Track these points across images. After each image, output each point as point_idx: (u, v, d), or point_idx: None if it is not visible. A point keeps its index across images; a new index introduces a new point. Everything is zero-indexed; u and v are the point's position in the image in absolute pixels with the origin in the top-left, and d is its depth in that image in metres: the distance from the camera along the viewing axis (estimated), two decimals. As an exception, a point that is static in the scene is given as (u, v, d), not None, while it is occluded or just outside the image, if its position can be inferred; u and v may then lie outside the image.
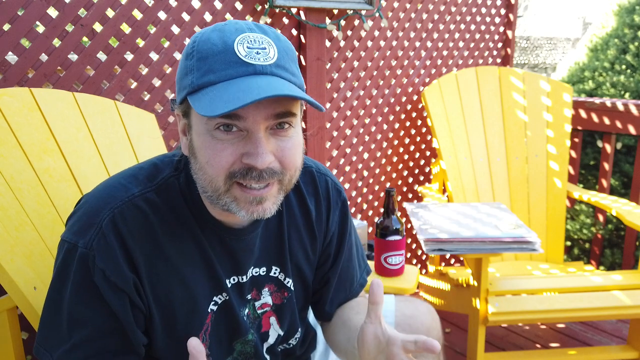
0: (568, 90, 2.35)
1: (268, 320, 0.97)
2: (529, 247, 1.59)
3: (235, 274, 0.90)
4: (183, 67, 0.77)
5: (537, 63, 12.85)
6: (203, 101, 0.71)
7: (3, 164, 1.11)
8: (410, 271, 1.44)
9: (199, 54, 0.74)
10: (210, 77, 0.73)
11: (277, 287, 0.96)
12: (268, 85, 0.71)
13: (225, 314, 0.90)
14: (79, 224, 0.82)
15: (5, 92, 1.18)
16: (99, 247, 0.78)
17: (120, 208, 0.81)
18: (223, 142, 0.74)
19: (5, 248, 1.02)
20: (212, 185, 0.77)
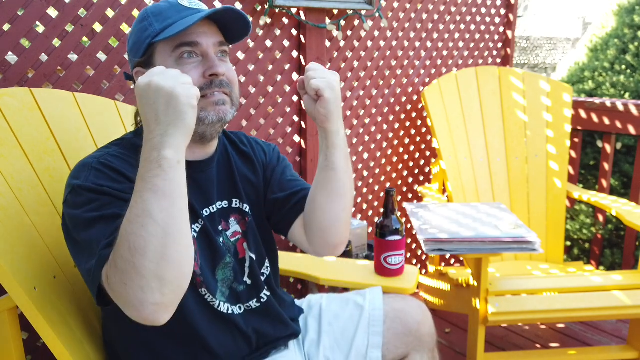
0: (568, 90, 2.35)
1: (242, 246, 1.11)
2: (529, 247, 1.59)
3: (206, 205, 1.07)
4: (140, 28, 0.99)
5: (537, 63, 12.85)
6: (168, 32, 0.94)
7: (3, 164, 1.11)
8: (410, 271, 1.44)
9: (152, 14, 0.99)
10: (168, 21, 0.97)
11: (240, 215, 1.13)
12: (210, 12, 0.96)
13: (204, 240, 1.04)
14: (73, 175, 0.95)
15: (6, 92, 1.18)
16: (94, 176, 0.92)
17: (103, 157, 0.96)
18: (188, 66, 0.96)
19: (6, 248, 1.02)
20: None
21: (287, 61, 1.97)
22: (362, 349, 1.18)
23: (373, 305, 1.23)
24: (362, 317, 1.21)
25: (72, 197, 0.93)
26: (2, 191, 1.08)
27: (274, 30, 1.91)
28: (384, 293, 1.27)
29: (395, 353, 1.20)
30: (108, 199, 0.89)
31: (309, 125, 2.04)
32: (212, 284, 1.04)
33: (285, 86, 1.99)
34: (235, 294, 1.08)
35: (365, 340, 1.19)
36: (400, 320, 1.21)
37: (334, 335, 1.21)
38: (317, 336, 1.22)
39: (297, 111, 2.05)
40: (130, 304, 0.79)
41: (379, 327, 1.19)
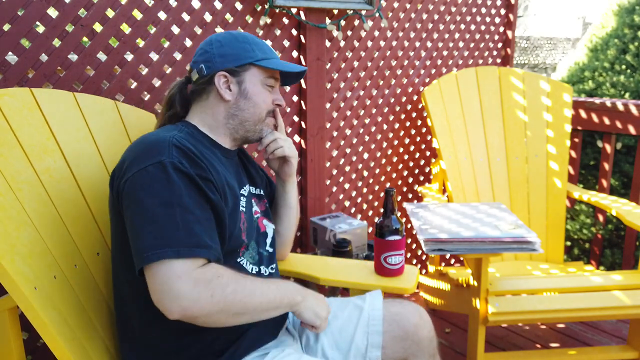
0: (568, 90, 2.35)
1: (262, 223, 1.29)
2: (529, 247, 1.59)
3: (241, 186, 1.24)
4: (240, 47, 1.20)
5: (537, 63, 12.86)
6: (274, 64, 1.21)
7: (3, 164, 1.11)
8: (410, 271, 1.44)
9: (253, 42, 1.22)
10: (266, 54, 1.22)
11: (258, 199, 1.32)
12: (293, 64, 1.27)
13: (246, 215, 1.21)
14: (151, 153, 1.03)
15: (6, 92, 1.18)
16: (179, 155, 1.03)
17: (174, 138, 1.06)
18: (269, 92, 1.24)
19: (6, 248, 1.02)
20: (258, 116, 1.22)
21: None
22: (362, 348, 1.18)
23: (372, 305, 1.24)
24: (362, 317, 1.22)
25: (159, 170, 1.00)
26: (2, 191, 1.08)
27: (274, 30, 1.91)
28: (383, 294, 1.28)
29: (393, 357, 1.20)
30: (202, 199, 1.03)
31: (309, 125, 2.04)
32: (246, 248, 1.20)
33: (285, 86, 1.99)
34: (262, 258, 1.25)
35: (364, 339, 1.19)
36: (397, 324, 1.21)
37: (333, 334, 1.22)
38: (315, 335, 1.22)
39: (297, 111, 2.05)
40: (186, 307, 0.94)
41: (379, 327, 1.20)
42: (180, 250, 0.94)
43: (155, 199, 0.98)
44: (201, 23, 1.74)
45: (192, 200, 1.00)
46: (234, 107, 1.20)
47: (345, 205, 2.31)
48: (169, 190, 0.98)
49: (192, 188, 1.01)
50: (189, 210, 0.98)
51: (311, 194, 2.12)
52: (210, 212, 1.04)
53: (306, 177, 2.09)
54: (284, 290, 1.09)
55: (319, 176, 2.12)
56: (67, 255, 1.19)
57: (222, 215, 1.06)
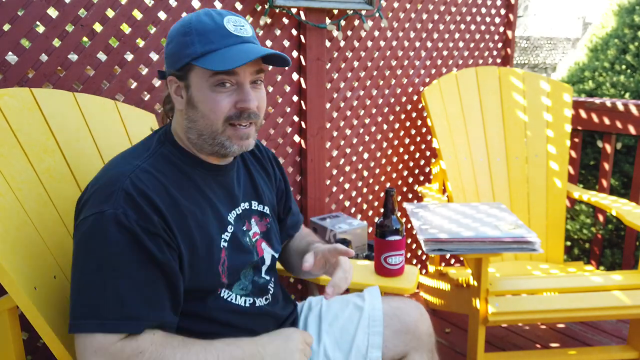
0: (568, 90, 2.35)
1: (260, 246, 1.17)
2: (529, 247, 1.59)
3: (233, 207, 1.11)
4: (182, 42, 0.99)
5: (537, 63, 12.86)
6: (212, 61, 0.96)
7: (3, 164, 1.11)
8: (410, 271, 1.44)
9: (197, 31, 0.98)
10: (211, 46, 0.98)
11: (259, 217, 1.19)
12: (256, 49, 0.99)
13: (234, 245, 1.08)
14: (99, 197, 0.94)
15: (6, 92, 1.18)
16: (126, 204, 0.91)
17: (133, 174, 0.96)
18: (221, 94, 0.99)
19: (6, 248, 1.02)
20: (211, 128, 1.01)
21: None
22: (362, 348, 1.18)
23: (372, 305, 1.24)
24: (362, 317, 1.22)
25: (98, 223, 0.90)
26: (2, 191, 1.08)
27: (274, 30, 1.91)
28: (383, 293, 1.28)
29: (394, 351, 1.21)
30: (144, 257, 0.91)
31: (309, 125, 2.04)
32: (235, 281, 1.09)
33: (285, 86, 1.99)
34: (256, 287, 1.13)
35: (365, 340, 1.19)
36: (398, 318, 1.22)
37: (334, 335, 1.22)
38: (317, 336, 1.22)
39: (297, 111, 2.05)
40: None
41: (379, 327, 1.20)
42: (106, 324, 0.88)
43: (90, 260, 0.91)
44: (201, 23, 1.74)
45: (131, 261, 0.90)
46: (187, 119, 1.03)
47: (345, 205, 2.31)
48: (105, 251, 0.90)
49: (134, 247, 0.90)
50: (125, 274, 0.89)
51: (311, 194, 2.12)
52: (158, 271, 0.93)
53: (306, 177, 2.09)
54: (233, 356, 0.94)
55: (319, 176, 2.12)
56: (67, 255, 1.19)
57: (172, 276, 0.94)
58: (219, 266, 1.04)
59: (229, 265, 1.06)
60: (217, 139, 1.01)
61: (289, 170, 2.10)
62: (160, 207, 0.95)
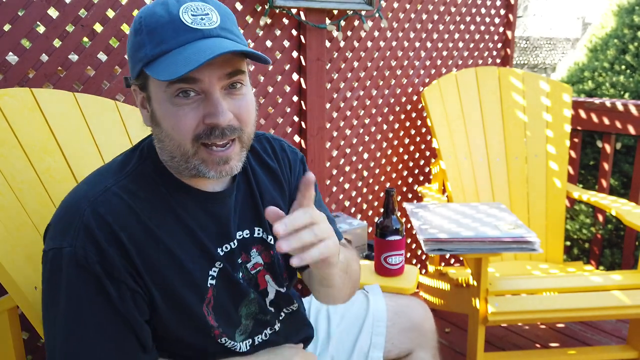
0: (567, 90, 2.35)
1: (263, 278, 1.00)
2: (529, 247, 1.59)
3: (225, 241, 0.93)
4: (134, 43, 0.81)
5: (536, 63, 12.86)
6: (160, 68, 0.77)
7: (4, 164, 1.11)
8: (410, 271, 1.44)
9: (147, 28, 0.79)
10: (162, 47, 0.78)
11: (263, 246, 0.99)
12: (217, 44, 0.77)
13: (224, 283, 0.92)
14: (59, 227, 0.82)
15: (6, 92, 1.18)
16: (86, 241, 0.78)
17: (99, 199, 0.82)
18: (184, 107, 0.79)
19: (6, 248, 1.02)
20: (180, 150, 0.82)
21: (287, 61, 1.98)
22: (365, 348, 1.18)
23: (376, 306, 1.24)
24: (367, 318, 1.22)
25: (57, 262, 0.79)
26: (3, 191, 1.08)
27: (274, 30, 1.91)
28: (387, 292, 1.28)
29: (400, 348, 1.21)
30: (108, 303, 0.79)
31: (309, 125, 2.04)
32: (232, 327, 0.95)
33: (285, 86, 1.99)
34: (261, 322, 1.00)
35: (367, 340, 1.19)
36: (406, 315, 1.22)
37: (340, 335, 1.22)
38: (326, 336, 1.22)
39: (297, 111, 2.06)
40: None
41: (382, 328, 1.20)
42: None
43: (49, 302, 0.81)
44: (201, 23, 1.74)
45: (93, 307, 0.79)
46: (155, 138, 0.86)
47: (345, 205, 2.31)
48: (63, 299, 0.78)
49: (97, 291, 0.79)
50: (89, 323, 0.79)
51: (311, 194, 2.11)
52: (121, 319, 0.81)
53: (306, 177, 2.09)
54: None
55: (319, 176, 2.12)
56: (68, 255, 1.19)
57: (134, 326, 0.82)
58: (204, 307, 0.90)
59: (215, 305, 0.91)
60: (190, 162, 0.82)
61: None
62: (125, 243, 0.80)
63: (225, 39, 0.80)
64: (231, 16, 0.84)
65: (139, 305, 0.83)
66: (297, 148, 1.07)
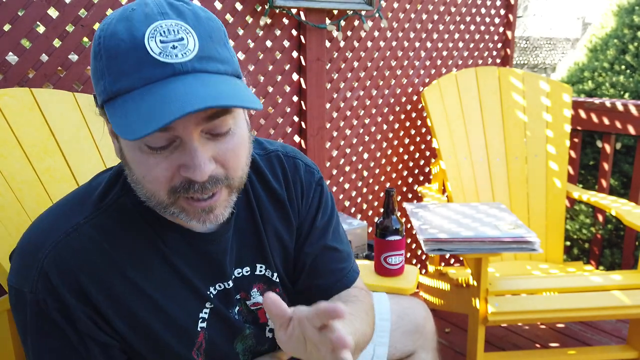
0: (567, 90, 2.35)
1: (264, 314, 0.90)
2: (529, 247, 1.59)
3: (219, 280, 0.84)
4: (94, 68, 0.67)
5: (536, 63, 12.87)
6: (118, 116, 0.63)
7: (3, 164, 1.11)
8: (410, 271, 1.44)
9: (107, 52, 0.64)
10: (123, 82, 0.63)
11: (266, 285, 0.89)
12: (190, 91, 0.61)
13: (216, 323, 0.84)
14: (20, 263, 0.74)
15: (6, 92, 1.19)
16: (45, 291, 0.71)
17: (65, 240, 0.72)
18: (155, 156, 0.66)
19: (6, 248, 1.03)
20: (156, 199, 0.70)
21: (287, 61, 1.98)
22: (367, 358, 1.18)
23: (380, 315, 1.21)
24: None
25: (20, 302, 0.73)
26: (2, 191, 1.08)
27: (274, 30, 1.91)
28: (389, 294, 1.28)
29: (402, 350, 1.20)
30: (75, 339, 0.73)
31: (309, 125, 2.04)
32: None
33: (285, 86, 1.99)
34: (259, 353, 0.93)
35: (371, 349, 1.18)
36: (408, 318, 1.21)
37: None
38: None
39: (297, 111, 2.06)
40: None
41: (385, 339, 1.19)
42: None
43: (20, 334, 0.75)
44: (201, 23, 1.74)
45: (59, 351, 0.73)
46: (126, 175, 0.74)
47: (345, 205, 2.31)
48: (29, 345, 0.74)
49: (61, 333, 0.72)
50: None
51: (311, 194, 2.11)
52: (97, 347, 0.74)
53: (306, 177, 2.09)
54: None
55: (318, 176, 2.12)
56: (68, 255, 1.19)
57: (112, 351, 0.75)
58: (193, 351, 0.82)
59: (207, 347, 0.83)
60: (169, 210, 0.71)
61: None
62: (91, 294, 0.72)
63: (205, 72, 0.64)
64: (216, 32, 0.68)
65: (114, 358, 0.76)
66: (316, 165, 0.95)
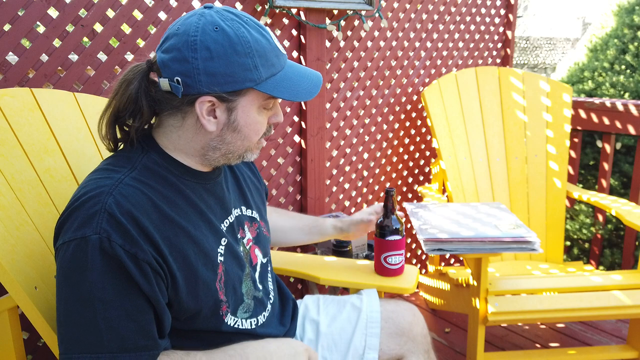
0: (567, 90, 2.35)
1: (254, 252, 1.11)
2: (529, 246, 1.59)
3: (226, 216, 1.04)
4: (238, 63, 0.89)
5: (536, 63, 12.87)
6: (286, 88, 0.93)
7: (4, 164, 1.11)
8: (410, 271, 1.44)
9: (258, 53, 0.90)
10: (272, 70, 0.92)
11: (250, 222, 1.13)
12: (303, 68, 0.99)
13: (230, 257, 1.01)
14: (80, 220, 0.83)
15: (6, 92, 1.18)
16: (111, 227, 0.82)
17: (116, 190, 0.86)
18: (264, 115, 0.97)
19: (6, 248, 1.03)
20: (246, 146, 0.97)
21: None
22: (360, 349, 1.18)
23: (370, 307, 1.24)
24: (360, 319, 1.22)
25: (81, 250, 0.81)
26: (3, 191, 1.08)
27: (274, 30, 1.92)
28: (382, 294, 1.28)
29: (389, 354, 1.21)
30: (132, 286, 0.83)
31: (309, 125, 2.04)
32: (236, 304, 1.03)
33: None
34: (258, 300, 1.08)
35: (362, 341, 1.19)
36: (392, 321, 1.23)
37: (332, 336, 1.22)
38: (315, 337, 1.22)
39: (297, 111, 2.06)
40: None
41: (376, 329, 1.20)
42: (101, 357, 0.81)
43: (73, 291, 0.82)
44: (201, 23, 1.74)
45: (118, 290, 0.82)
46: (216, 139, 0.95)
47: (345, 205, 2.31)
48: (91, 282, 0.81)
49: (119, 275, 0.82)
50: (114, 305, 0.82)
51: (311, 194, 2.12)
52: (144, 300, 0.85)
53: (306, 177, 2.09)
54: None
55: (319, 176, 2.12)
56: (68, 255, 1.19)
57: (158, 308, 0.87)
58: (216, 283, 0.97)
59: (226, 280, 0.99)
60: (243, 155, 0.99)
61: (289, 170, 2.10)
62: (148, 228, 0.85)
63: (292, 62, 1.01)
64: None
65: (162, 289, 0.87)
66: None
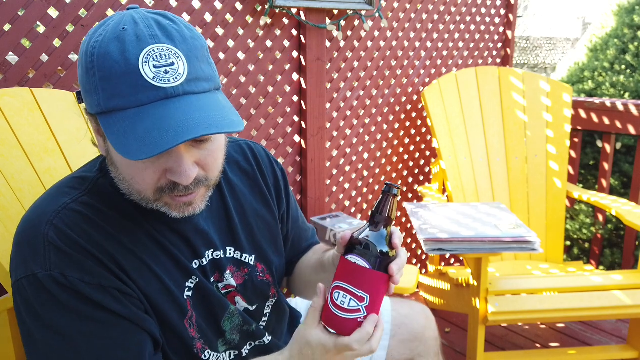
0: (568, 90, 2.35)
1: (233, 299, 0.96)
2: (529, 246, 1.59)
3: (196, 257, 0.90)
4: (86, 82, 0.71)
5: (536, 63, 12.87)
6: (115, 133, 0.68)
7: (4, 164, 1.11)
8: (410, 271, 1.44)
9: (100, 73, 0.69)
10: (118, 102, 0.69)
11: (235, 267, 0.96)
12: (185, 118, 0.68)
13: (201, 296, 0.89)
14: (24, 254, 0.75)
15: (6, 92, 1.19)
16: (61, 262, 0.73)
17: (57, 218, 0.76)
18: (144, 162, 0.72)
19: (6, 248, 1.03)
20: (141, 195, 0.78)
21: (287, 61, 1.98)
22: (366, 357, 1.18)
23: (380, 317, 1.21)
24: None
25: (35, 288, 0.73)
26: (3, 191, 1.08)
27: (274, 30, 1.91)
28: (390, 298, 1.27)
29: (399, 359, 1.20)
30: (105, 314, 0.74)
31: (309, 125, 2.04)
32: (215, 340, 0.93)
33: (285, 86, 1.99)
34: (247, 334, 0.98)
35: None
36: (406, 327, 1.20)
37: None
38: None
39: (297, 111, 2.06)
40: None
41: (385, 342, 1.18)
42: None
43: (35, 329, 0.74)
44: (201, 23, 1.74)
45: (91, 322, 0.74)
46: (110, 171, 0.80)
47: (345, 205, 2.31)
48: (52, 316, 0.73)
49: (88, 307, 0.73)
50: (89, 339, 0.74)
51: (311, 194, 2.12)
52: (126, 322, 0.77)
53: (306, 177, 2.09)
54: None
55: (319, 176, 2.12)
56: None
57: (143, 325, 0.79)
58: (185, 320, 0.86)
59: (197, 319, 0.88)
60: (151, 205, 0.79)
61: (289, 170, 2.10)
62: (99, 256, 0.75)
63: (193, 94, 0.71)
64: (200, 50, 0.74)
65: (137, 305, 0.80)
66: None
